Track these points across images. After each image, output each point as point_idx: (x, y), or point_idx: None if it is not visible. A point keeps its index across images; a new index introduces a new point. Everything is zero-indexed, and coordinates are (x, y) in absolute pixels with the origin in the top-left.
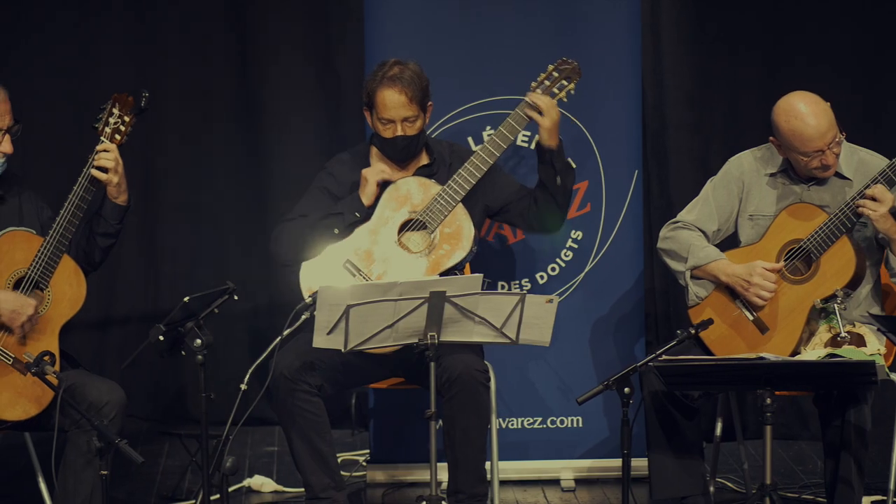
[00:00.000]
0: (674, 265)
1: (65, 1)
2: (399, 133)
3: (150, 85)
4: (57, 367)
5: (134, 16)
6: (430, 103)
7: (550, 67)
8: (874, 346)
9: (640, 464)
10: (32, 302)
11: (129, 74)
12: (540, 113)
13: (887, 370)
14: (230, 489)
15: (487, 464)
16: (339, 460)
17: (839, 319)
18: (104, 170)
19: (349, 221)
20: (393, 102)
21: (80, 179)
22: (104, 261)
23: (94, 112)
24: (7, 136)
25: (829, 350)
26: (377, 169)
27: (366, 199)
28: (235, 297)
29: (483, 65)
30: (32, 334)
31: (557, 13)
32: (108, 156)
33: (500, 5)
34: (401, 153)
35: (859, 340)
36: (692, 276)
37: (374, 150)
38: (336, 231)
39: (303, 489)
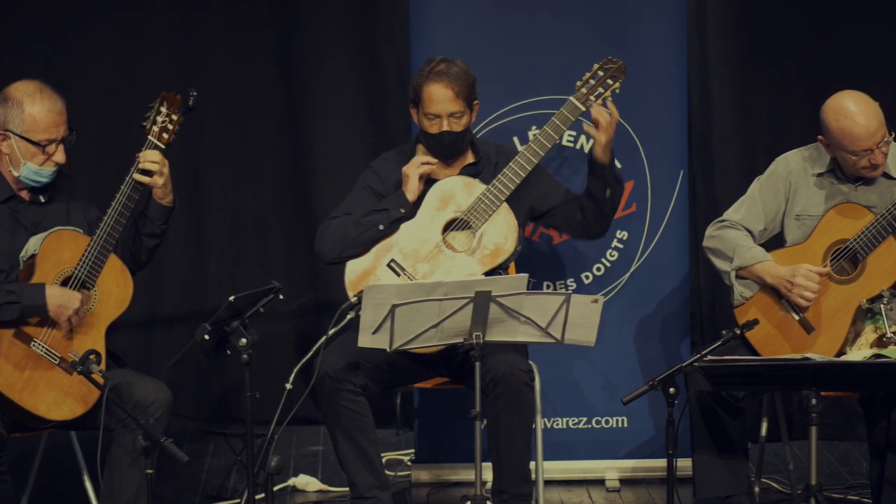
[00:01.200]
0: (719, 264)
1: (110, 0)
2: (445, 129)
3: (196, 83)
4: (103, 366)
5: (179, 15)
6: (476, 101)
7: (595, 66)
8: None
9: (685, 464)
10: (78, 296)
11: (175, 73)
12: (597, 127)
13: None
14: (275, 488)
15: (532, 464)
16: (383, 460)
17: (885, 320)
18: (150, 173)
19: (394, 217)
20: (439, 97)
21: (126, 179)
22: (150, 261)
23: (141, 111)
24: (61, 147)
25: (875, 350)
26: (416, 162)
27: (410, 194)
28: (281, 297)
29: (528, 65)
30: (78, 333)
31: (603, 13)
32: (152, 159)
33: (546, 5)
34: (446, 149)
35: None
36: (737, 276)
37: (419, 149)
38: (381, 227)
39: (347, 488)
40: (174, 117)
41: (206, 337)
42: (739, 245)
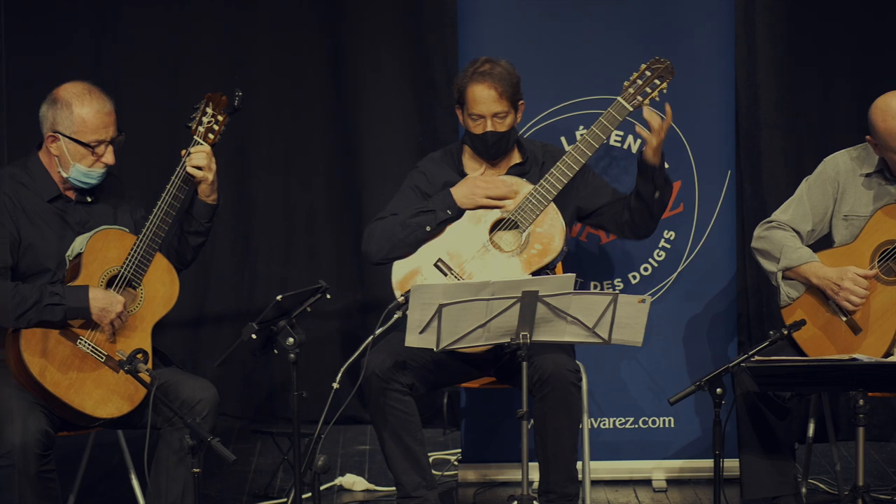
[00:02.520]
0: (766, 265)
1: (158, 1)
2: (489, 129)
3: (243, 83)
4: (150, 365)
5: (226, 14)
6: (521, 101)
7: (643, 66)
8: None
9: (731, 464)
10: (121, 300)
11: (222, 73)
12: (649, 130)
13: None
14: (322, 488)
15: (579, 464)
16: (430, 459)
17: None
18: (198, 168)
19: (441, 219)
20: (483, 97)
21: (173, 178)
22: (195, 259)
23: (187, 111)
24: (110, 148)
25: None
26: (487, 194)
27: (462, 202)
28: (328, 296)
29: (575, 64)
30: (125, 332)
31: (650, 13)
32: (201, 154)
33: (593, 5)
34: (491, 149)
35: None
36: (784, 277)
37: (466, 150)
38: (428, 229)
39: (394, 488)
40: (220, 118)
41: (254, 336)
42: (786, 245)
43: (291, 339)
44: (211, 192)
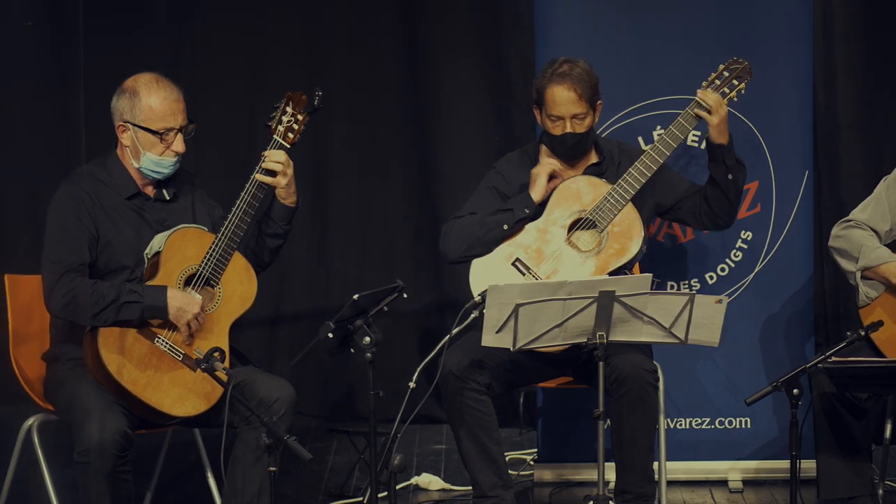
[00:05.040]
0: (844, 264)
1: (236, 3)
2: (568, 130)
3: (320, 83)
4: (227, 364)
5: (303, 16)
6: (599, 101)
7: (721, 67)
8: None
9: (808, 465)
10: (199, 301)
11: (299, 74)
12: (708, 111)
13: None
14: (398, 487)
15: (655, 464)
16: (506, 459)
17: None
18: (273, 173)
19: (518, 217)
20: (562, 99)
21: (251, 178)
22: (273, 261)
23: (266, 111)
24: (180, 136)
25: None
26: (545, 162)
27: (536, 194)
28: (405, 295)
29: (653, 64)
30: (202, 331)
31: (728, 12)
32: (276, 159)
33: (670, 5)
34: (570, 151)
35: None
36: (863, 277)
37: (543, 149)
38: (505, 227)
39: (470, 487)
40: (300, 117)
41: (330, 335)
42: (865, 245)
43: (368, 339)
44: (287, 195)
